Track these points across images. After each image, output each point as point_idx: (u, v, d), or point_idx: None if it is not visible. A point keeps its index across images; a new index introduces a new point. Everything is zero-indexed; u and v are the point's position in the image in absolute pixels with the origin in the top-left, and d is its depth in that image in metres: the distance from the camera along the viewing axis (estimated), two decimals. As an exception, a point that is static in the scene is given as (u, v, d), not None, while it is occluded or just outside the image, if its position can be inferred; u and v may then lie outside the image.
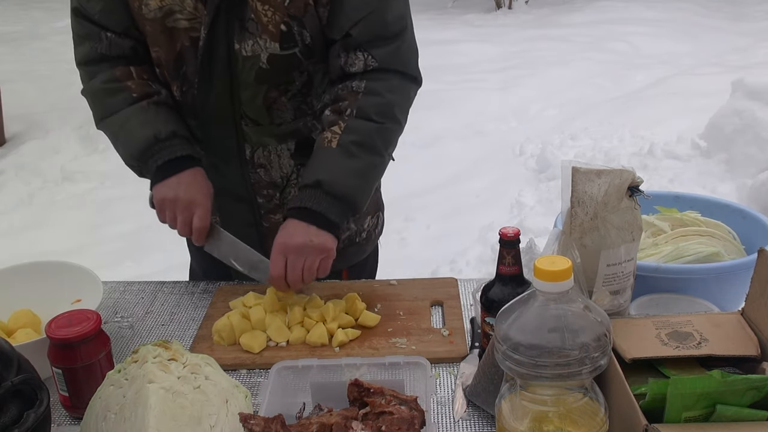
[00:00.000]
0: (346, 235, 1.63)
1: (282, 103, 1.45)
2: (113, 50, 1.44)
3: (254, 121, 1.46)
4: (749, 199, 3.67)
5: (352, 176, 1.37)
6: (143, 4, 1.37)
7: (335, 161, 1.37)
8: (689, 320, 1.07)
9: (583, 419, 0.87)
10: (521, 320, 0.88)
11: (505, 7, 10.04)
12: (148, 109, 1.43)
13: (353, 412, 1.02)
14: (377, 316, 1.40)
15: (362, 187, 1.40)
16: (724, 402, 0.86)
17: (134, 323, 1.47)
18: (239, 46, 1.37)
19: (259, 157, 1.50)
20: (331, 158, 1.37)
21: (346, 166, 1.36)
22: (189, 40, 1.38)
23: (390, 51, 1.40)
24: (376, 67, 1.39)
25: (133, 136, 1.42)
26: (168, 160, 1.40)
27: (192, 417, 0.98)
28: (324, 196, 1.35)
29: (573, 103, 5.88)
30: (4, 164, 5.10)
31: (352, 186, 1.38)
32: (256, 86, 1.41)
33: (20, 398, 0.93)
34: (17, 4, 10.97)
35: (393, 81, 1.41)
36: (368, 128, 1.38)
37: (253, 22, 1.35)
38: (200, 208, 1.39)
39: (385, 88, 1.40)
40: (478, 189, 4.42)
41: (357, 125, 1.38)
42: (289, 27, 1.36)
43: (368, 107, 1.38)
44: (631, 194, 1.14)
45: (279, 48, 1.37)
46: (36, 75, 7.06)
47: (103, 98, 1.45)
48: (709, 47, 7.46)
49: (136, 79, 1.45)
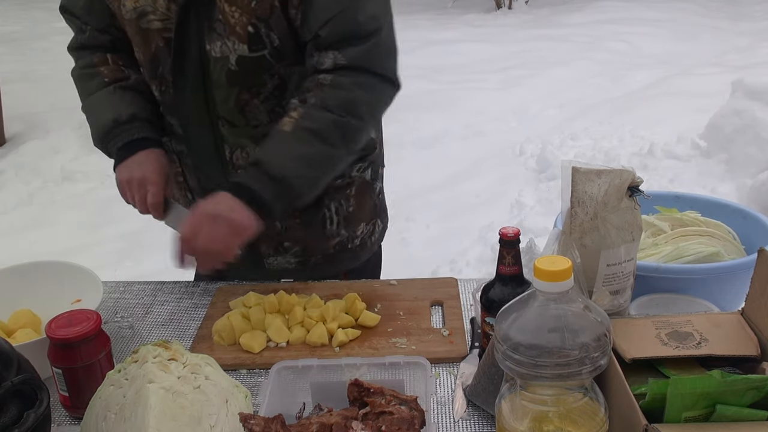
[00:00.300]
0: (337, 241, 1.61)
1: (255, 105, 1.44)
2: (92, 41, 1.53)
3: (230, 123, 1.46)
4: (749, 199, 3.67)
5: (295, 160, 1.34)
6: (121, 5, 1.41)
7: (282, 144, 1.35)
8: (689, 320, 1.07)
9: (583, 419, 0.87)
10: (521, 320, 0.88)
11: (505, 7, 10.04)
12: (113, 93, 1.50)
13: (353, 412, 1.02)
14: (377, 316, 1.40)
15: (305, 174, 1.35)
16: (724, 402, 0.86)
17: (134, 323, 1.47)
18: (209, 47, 1.38)
19: (238, 158, 1.49)
20: (279, 140, 1.36)
21: (291, 150, 1.34)
22: (162, 40, 1.40)
23: (362, 51, 1.37)
24: (345, 65, 1.36)
25: (97, 120, 1.50)
26: (126, 142, 1.46)
27: (192, 417, 0.98)
28: (259, 175, 1.32)
29: (573, 103, 5.88)
30: (4, 164, 5.11)
31: (292, 169, 1.33)
32: (228, 88, 1.41)
33: (20, 398, 0.93)
34: (17, 4, 10.98)
35: (362, 79, 1.38)
36: (326, 118, 1.35)
37: (221, 23, 1.35)
38: (153, 186, 1.44)
39: (353, 83, 1.37)
40: (478, 189, 4.43)
41: (315, 114, 1.35)
42: (256, 29, 1.35)
43: (331, 99, 1.36)
44: (631, 194, 1.14)
45: (248, 50, 1.36)
46: (36, 75, 7.07)
47: (81, 82, 1.55)
48: (709, 47, 7.46)
49: (111, 65, 1.52)
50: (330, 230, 1.59)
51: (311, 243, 1.59)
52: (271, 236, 1.56)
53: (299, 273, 1.62)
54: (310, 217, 1.57)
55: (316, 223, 1.57)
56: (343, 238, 1.62)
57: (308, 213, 1.56)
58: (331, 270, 1.62)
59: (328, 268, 1.61)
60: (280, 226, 1.56)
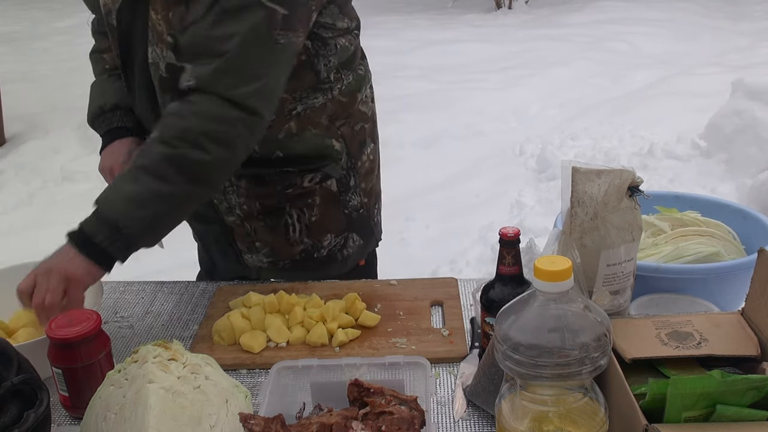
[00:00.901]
0: (302, 248, 1.59)
1: None
2: (102, 27, 1.54)
3: None
4: (749, 199, 3.67)
5: (125, 201, 1.26)
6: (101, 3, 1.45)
7: (116, 184, 1.30)
8: (689, 320, 1.07)
9: (583, 419, 0.87)
10: (521, 320, 0.88)
11: (505, 7, 10.04)
12: (107, 81, 1.57)
13: (353, 412, 1.02)
14: (377, 316, 1.40)
15: (136, 215, 1.26)
16: (724, 402, 0.86)
17: (134, 323, 1.47)
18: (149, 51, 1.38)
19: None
20: (116, 181, 1.31)
21: (122, 190, 1.28)
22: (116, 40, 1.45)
23: (210, 71, 1.27)
24: (193, 87, 1.28)
25: (91, 104, 1.58)
26: (107, 130, 1.54)
27: (192, 417, 0.98)
28: (94, 218, 1.27)
29: (573, 103, 5.88)
30: (4, 164, 5.10)
31: (122, 211, 1.26)
32: (162, 94, 1.40)
33: (20, 398, 0.93)
34: (17, 4, 10.97)
35: (205, 105, 1.28)
36: (160, 153, 1.27)
37: (152, 31, 1.35)
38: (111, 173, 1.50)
39: (192, 111, 1.28)
40: (478, 189, 4.42)
41: (150, 149, 1.29)
42: (174, 39, 1.32)
43: (167, 129, 1.29)
44: (631, 194, 1.14)
45: (174, 58, 1.33)
46: (36, 75, 7.07)
47: (92, 65, 1.62)
48: (709, 47, 7.46)
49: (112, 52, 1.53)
50: (293, 237, 1.58)
51: (277, 246, 1.59)
52: (244, 235, 1.59)
53: (275, 273, 1.64)
54: (273, 222, 1.56)
55: (279, 229, 1.57)
56: (307, 246, 1.59)
57: (271, 217, 1.55)
58: (303, 276, 1.59)
59: (300, 274, 1.60)
60: (250, 227, 1.57)
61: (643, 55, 7.26)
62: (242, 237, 1.59)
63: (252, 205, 1.53)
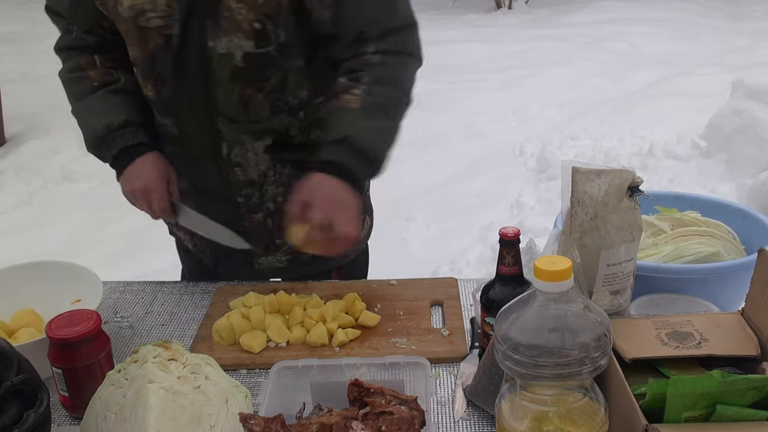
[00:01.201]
0: None
1: (258, 100, 1.44)
2: (78, 42, 1.50)
3: (230, 119, 1.45)
4: (749, 199, 3.67)
5: (374, 133, 1.38)
6: (117, 3, 1.39)
7: (359, 120, 1.37)
8: (689, 320, 1.07)
9: (583, 419, 0.87)
10: (521, 320, 0.88)
11: (505, 7, 10.04)
12: (104, 98, 1.49)
13: (353, 412, 1.02)
14: (377, 316, 1.40)
15: (384, 146, 1.40)
16: (724, 402, 0.86)
17: (134, 323, 1.47)
18: (213, 43, 1.37)
19: (236, 155, 1.49)
20: (355, 117, 1.38)
21: (369, 125, 1.38)
22: (162, 38, 1.39)
23: (399, 40, 1.43)
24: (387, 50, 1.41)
25: (91, 126, 1.49)
26: (122, 149, 1.46)
27: (192, 417, 0.98)
28: (348, 150, 1.34)
29: (573, 103, 5.88)
30: (4, 164, 5.10)
31: (375, 141, 1.38)
32: (231, 84, 1.41)
33: (20, 398, 0.93)
34: (17, 4, 10.97)
35: (404, 60, 1.45)
36: (387, 93, 1.40)
37: (227, 20, 1.35)
38: (155, 193, 1.45)
39: (397, 62, 1.43)
40: (478, 189, 4.42)
41: (377, 90, 1.39)
42: (263, 25, 1.36)
43: (384, 75, 1.40)
44: (631, 194, 1.14)
45: (254, 46, 1.37)
46: (36, 75, 7.06)
47: (69, 86, 1.53)
48: (709, 47, 7.46)
49: (99, 67, 1.50)
50: None
51: None
52: (262, 235, 1.57)
53: (288, 271, 1.63)
54: None
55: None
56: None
57: None
58: (321, 267, 1.61)
59: (318, 264, 1.60)
60: (272, 223, 1.57)
61: (643, 55, 7.26)
62: (260, 239, 1.58)
63: (287, 195, 1.54)
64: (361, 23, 1.39)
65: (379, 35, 1.40)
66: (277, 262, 1.61)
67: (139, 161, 1.47)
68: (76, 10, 1.48)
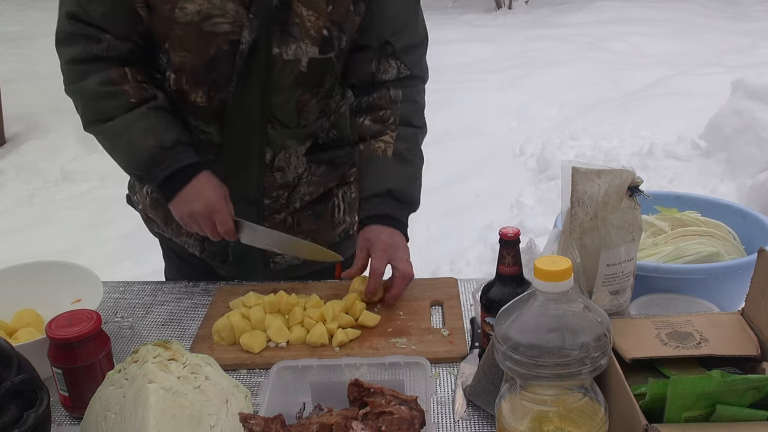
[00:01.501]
0: (342, 228, 1.67)
1: (312, 105, 1.49)
2: (110, 52, 1.39)
3: (282, 124, 1.47)
4: (749, 199, 3.67)
5: (411, 180, 1.51)
6: (177, 8, 1.33)
7: (396, 169, 1.49)
8: (689, 320, 1.07)
9: (583, 419, 0.87)
10: (521, 320, 0.88)
11: (505, 7, 10.04)
12: (148, 115, 1.40)
13: (353, 412, 1.02)
14: (377, 316, 1.40)
15: (419, 189, 1.53)
16: (724, 402, 0.86)
17: (134, 323, 1.47)
18: (279, 50, 1.38)
19: (279, 160, 1.52)
20: (392, 167, 1.48)
21: (405, 173, 1.50)
22: (228, 44, 1.36)
23: (417, 58, 1.51)
24: (408, 75, 1.50)
25: (135, 146, 1.40)
26: (178, 169, 1.40)
27: (192, 417, 0.98)
28: (394, 202, 1.47)
29: (573, 103, 5.88)
30: (4, 164, 5.10)
31: (413, 189, 1.51)
32: (292, 89, 1.44)
33: (20, 398, 0.93)
34: (17, 4, 10.97)
35: (419, 87, 1.54)
36: (414, 134, 1.52)
37: (297, 27, 1.37)
38: (219, 215, 1.42)
39: (416, 93, 1.53)
40: (478, 189, 4.42)
41: (404, 133, 1.50)
42: (329, 32, 1.39)
43: (409, 114, 1.51)
44: (631, 194, 1.14)
45: (318, 52, 1.41)
46: (36, 75, 7.06)
47: (98, 101, 1.41)
48: (709, 47, 7.46)
49: (132, 82, 1.41)
50: (337, 218, 1.65)
51: (321, 233, 1.63)
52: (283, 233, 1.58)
53: (304, 268, 1.64)
54: (321, 207, 1.62)
55: (326, 213, 1.63)
56: (347, 225, 1.68)
57: (320, 203, 1.62)
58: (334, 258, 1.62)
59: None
60: (293, 221, 1.59)
61: (643, 55, 7.26)
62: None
63: (315, 193, 1.60)
64: (387, 32, 1.44)
65: (402, 50, 1.47)
66: (294, 259, 1.63)
67: (195, 182, 1.41)
68: (113, 15, 1.37)
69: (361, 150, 1.51)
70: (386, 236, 1.44)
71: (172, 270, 1.80)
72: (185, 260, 1.70)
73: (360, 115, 1.53)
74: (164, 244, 1.75)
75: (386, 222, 1.46)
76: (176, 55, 1.40)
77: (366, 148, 1.50)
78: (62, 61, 1.45)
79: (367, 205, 1.48)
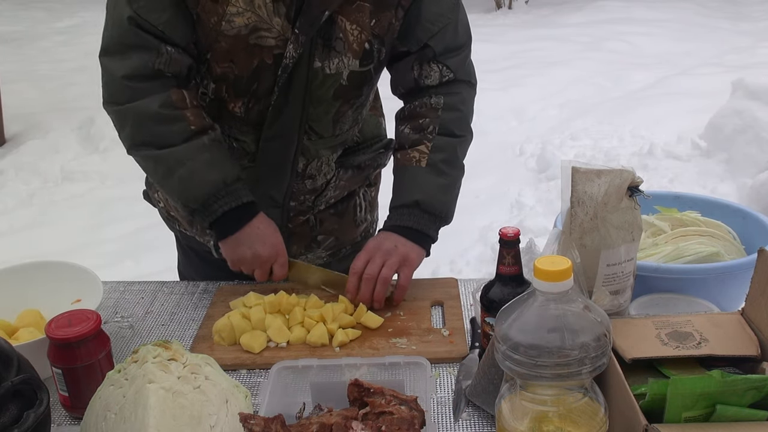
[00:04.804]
0: (363, 228, 1.69)
1: (348, 115, 1.49)
2: (172, 66, 1.33)
3: (318, 134, 1.48)
4: (749, 199, 3.67)
5: (444, 193, 1.46)
6: (224, 20, 1.31)
7: (428, 180, 1.44)
8: (689, 320, 1.07)
9: (583, 419, 0.87)
10: (521, 320, 0.88)
11: (505, 7, 10.04)
12: (210, 147, 1.36)
13: (353, 412, 1.02)
14: (380, 318, 1.40)
15: (453, 201, 1.48)
16: (724, 402, 0.86)
17: (134, 323, 1.47)
18: (321, 64, 1.38)
19: (311, 168, 1.52)
20: (424, 177, 1.44)
21: (438, 184, 1.45)
22: (271, 57, 1.36)
23: (460, 61, 1.47)
24: (451, 79, 1.46)
25: (199, 178, 1.35)
26: (235, 207, 1.37)
27: (192, 417, 0.98)
28: (422, 214, 1.43)
29: (573, 103, 5.88)
30: (4, 164, 5.10)
31: (445, 202, 1.46)
32: (331, 102, 1.44)
33: (20, 398, 0.93)
34: (17, 4, 10.97)
35: (464, 93, 1.49)
36: (452, 144, 1.47)
37: (340, 41, 1.37)
38: (281, 257, 1.43)
39: (460, 101, 1.48)
40: (478, 189, 4.42)
41: (442, 143, 1.45)
42: (371, 45, 1.40)
43: (449, 123, 1.46)
44: (631, 194, 1.14)
45: (358, 65, 1.41)
46: (36, 75, 7.07)
47: (156, 125, 1.34)
48: (709, 47, 7.46)
49: (191, 107, 1.36)
50: (359, 217, 1.67)
51: (343, 233, 1.65)
52: (304, 233, 1.59)
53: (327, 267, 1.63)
54: (343, 207, 1.63)
55: (348, 212, 1.64)
56: (368, 224, 1.70)
57: (342, 203, 1.63)
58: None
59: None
60: (315, 221, 1.60)
61: (643, 55, 7.26)
62: (301, 238, 1.60)
63: (340, 195, 1.61)
64: (425, 35, 1.42)
65: (443, 53, 1.44)
66: (317, 259, 1.64)
67: (258, 223, 1.40)
68: (176, 24, 1.31)
69: (398, 158, 1.50)
70: (390, 243, 1.41)
71: (189, 267, 1.80)
72: (204, 258, 1.70)
73: (402, 123, 1.52)
74: (184, 242, 1.75)
75: (405, 233, 1.43)
76: (218, 66, 1.37)
77: (402, 156, 1.48)
78: (113, 75, 1.35)
79: (393, 215, 1.46)
